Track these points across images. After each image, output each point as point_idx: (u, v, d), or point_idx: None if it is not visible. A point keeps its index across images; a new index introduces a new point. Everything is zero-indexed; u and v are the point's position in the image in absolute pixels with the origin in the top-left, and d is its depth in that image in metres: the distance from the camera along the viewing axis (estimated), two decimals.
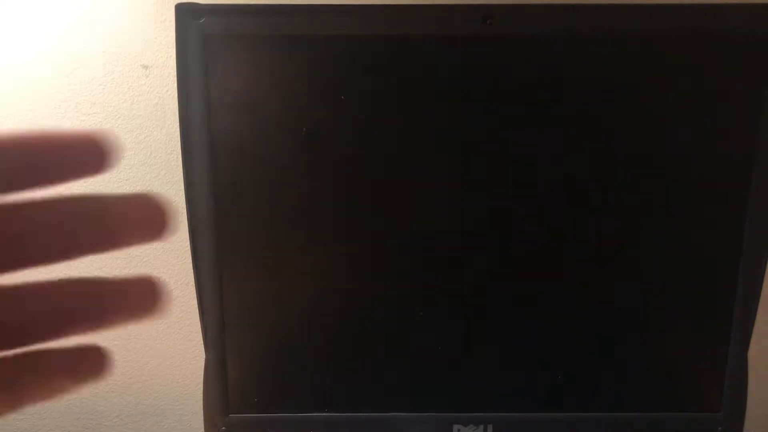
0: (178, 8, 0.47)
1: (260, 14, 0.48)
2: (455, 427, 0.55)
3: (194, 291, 0.52)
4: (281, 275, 0.53)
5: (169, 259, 0.65)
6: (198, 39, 0.47)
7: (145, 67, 0.60)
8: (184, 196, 0.50)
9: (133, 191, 0.61)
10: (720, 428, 0.56)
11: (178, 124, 0.49)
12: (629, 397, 0.56)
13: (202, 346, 0.53)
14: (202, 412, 0.54)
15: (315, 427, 0.55)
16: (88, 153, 0.19)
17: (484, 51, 0.48)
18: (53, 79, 0.60)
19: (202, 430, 0.55)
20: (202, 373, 0.53)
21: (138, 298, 0.20)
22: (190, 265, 0.51)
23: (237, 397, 0.54)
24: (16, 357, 0.19)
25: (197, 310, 0.52)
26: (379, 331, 0.54)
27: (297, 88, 0.49)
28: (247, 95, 0.49)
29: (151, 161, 0.62)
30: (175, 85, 0.48)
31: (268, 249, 0.52)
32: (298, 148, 0.50)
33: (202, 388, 0.54)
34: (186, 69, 0.48)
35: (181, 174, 0.50)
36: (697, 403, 0.56)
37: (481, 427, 0.55)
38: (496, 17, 0.47)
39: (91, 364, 0.20)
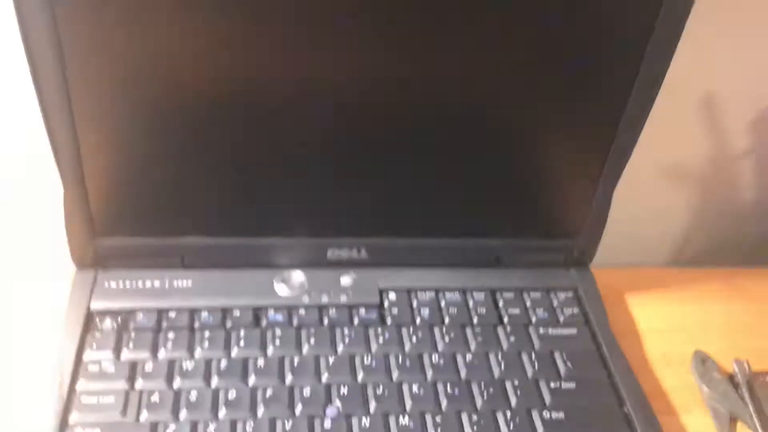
0: None
1: None
2: (330, 250, 0.56)
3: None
4: (140, 77, 0.46)
5: None
6: None
7: None
8: None
9: None
10: (575, 251, 0.60)
11: None
12: (492, 222, 0.58)
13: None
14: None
15: (188, 252, 0.55)
16: None
17: None
18: None
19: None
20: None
21: None
22: None
23: (103, 222, 0.52)
24: None
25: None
26: (253, 151, 0.51)
27: None
28: None
29: None
30: None
31: (121, 37, 0.44)
32: None
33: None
34: None
35: None
36: (559, 229, 0.59)
37: (355, 250, 0.56)
38: None
39: None
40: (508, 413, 0.49)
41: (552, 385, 0.52)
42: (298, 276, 0.56)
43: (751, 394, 0.56)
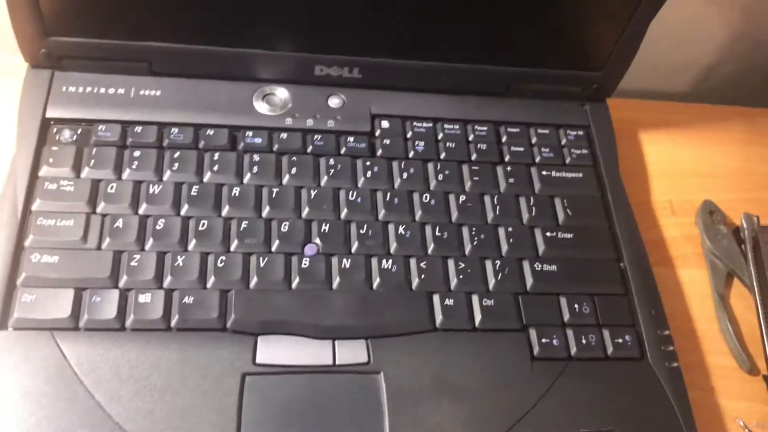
0: None
1: None
2: (318, 67, 0.49)
3: None
4: None
5: None
6: None
7: None
8: None
9: None
10: (595, 84, 0.54)
11: None
12: (504, 45, 0.51)
13: None
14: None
15: (156, 56, 0.48)
16: None
17: None
18: None
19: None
20: None
21: None
22: None
23: (55, 20, 0.45)
24: None
25: None
26: None
27: None
28: None
29: None
30: None
31: None
32: None
33: None
34: None
35: None
36: (580, 59, 0.52)
37: (346, 68, 0.50)
38: None
39: None
40: (498, 262, 0.46)
41: (548, 234, 0.48)
42: (281, 93, 0.50)
43: (754, 251, 0.53)
